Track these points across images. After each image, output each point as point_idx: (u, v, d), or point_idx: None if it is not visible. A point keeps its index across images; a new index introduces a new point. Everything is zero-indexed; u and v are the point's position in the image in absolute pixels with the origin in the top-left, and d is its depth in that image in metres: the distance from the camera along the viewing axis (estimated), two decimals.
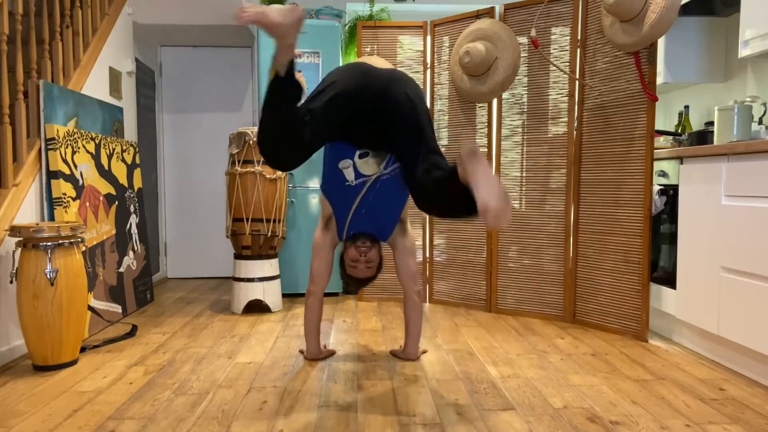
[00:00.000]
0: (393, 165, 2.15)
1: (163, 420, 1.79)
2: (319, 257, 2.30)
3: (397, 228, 2.30)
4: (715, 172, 2.35)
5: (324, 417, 1.82)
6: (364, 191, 2.14)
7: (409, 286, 2.33)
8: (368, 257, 2.17)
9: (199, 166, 4.64)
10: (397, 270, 2.34)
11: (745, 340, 2.18)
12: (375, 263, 2.20)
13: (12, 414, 1.84)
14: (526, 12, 3.18)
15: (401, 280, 2.34)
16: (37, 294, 2.22)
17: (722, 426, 1.75)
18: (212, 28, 4.10)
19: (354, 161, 2.09)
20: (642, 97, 2.71)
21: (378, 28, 3.59)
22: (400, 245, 2.31)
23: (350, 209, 2.16)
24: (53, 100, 2.78)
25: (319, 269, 2.30)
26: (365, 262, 2.17)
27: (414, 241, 2.35)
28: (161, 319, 3.17)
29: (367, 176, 2.12)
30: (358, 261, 2.17)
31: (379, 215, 2.19)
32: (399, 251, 2.31)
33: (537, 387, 2.09)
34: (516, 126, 3.24)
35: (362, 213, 2.16)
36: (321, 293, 2.35)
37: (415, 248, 2.34)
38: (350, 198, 2.15)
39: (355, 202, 2.15)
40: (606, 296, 2.89)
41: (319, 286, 2.33)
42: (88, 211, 2.91)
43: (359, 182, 2.13)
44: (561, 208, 3.10)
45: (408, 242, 2.31)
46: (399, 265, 2.33)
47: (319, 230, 2.31)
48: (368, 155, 2.09)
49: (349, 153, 2.10)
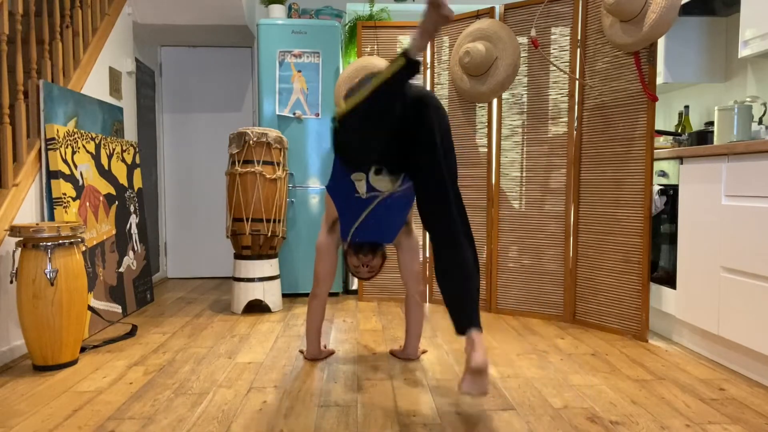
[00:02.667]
0: (407, 183, 2.08)
1: (163, 420, 1.79)
2: (323, 260, 2.28)
3: (403, 230, 2.30)
4: (715, 172, 2.35)
5: (324, 417, 1.82)
6: (374, 205, 2.09)
7: (412, 286, 2.34)
8: (370, 265, 2.19)
9: (199, 166, 4.64)
10: (400, 269, 2.34)
11: (745, 340, 2.18)
12: (377, 267, 2.23)
13: (12, 414, 1.84)
14: (526, 12, 3.18)
15: (404, 280, 2.34)
16: (37, 294, 2.22)
17: (722, 426, 1.75)
18: (212, 28, 4.10)
19: (368, 175, 2.02)
20: (642, 97, 2.71)
21: (378, 28, 3.59)
22: (405, 245, 2.31)
23: (357, 219, 2.13)
24: (53, 100, 2.78)
25: (324, 272, 2.29)
26: (368, 269, 2.20)
27: (418, 241, 2.35)
28: (161, 319, 3.17)
29: (379, 192, 2.06)
30: (360, 268, 2.20)
31: (386, 225, 2.18)
32: (403, 251, 2.32)
33: (537, 387, 2.09)
34: (516, 126, 3.24)
35: (369, 223, 2.14)
36: (325, 295, 2.35)
37: (419, 248, 2.34)
38: (358, 209, 2.11)
39: (362, 215, 2.11)
40: (606, 296, 2.89)
41: (324, 288, 2.32)
42: (88, 211, 2.91)
43: (370, 196, 2.07)
44: (561, 208, 3.10)
45: (413, 242, 2.32)
46: (402, 264, 2.33)
47: (323, 233, 2.29)
48: (383, 172, 2.01)
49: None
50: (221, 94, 4.61)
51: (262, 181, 3.23)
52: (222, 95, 4.61)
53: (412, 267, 2.32)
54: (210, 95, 4.61)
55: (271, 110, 3.74)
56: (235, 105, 4.63)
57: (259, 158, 3.23)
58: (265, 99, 3.73)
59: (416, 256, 2.32)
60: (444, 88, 3.49)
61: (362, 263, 2.18)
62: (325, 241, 2.27)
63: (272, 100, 3.73)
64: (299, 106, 3.74)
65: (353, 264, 2.20)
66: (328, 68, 3.74)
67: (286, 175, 3.40)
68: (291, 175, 3.75)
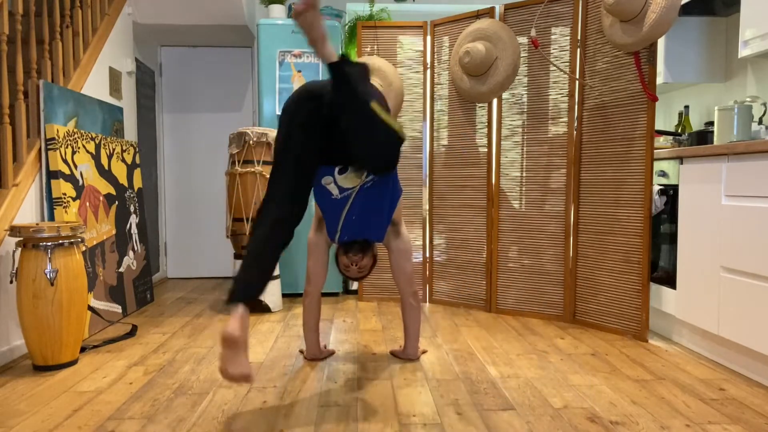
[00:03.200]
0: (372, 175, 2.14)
1: (163, 420, 1.79)
2: (313, 257, 2.32)
3: (391, 231, 2.31)
4: (715, 172, 2.35)
5: (324, 417, 1.82)
6: (351, 202, 2.14)
7: (405, 289, 2.35)
8: (360, 265, 2.20)
9: (199, 166, 4.64)
10: (392, 271, 2.35)
11: (745, 340, 2.18)
12: (367, 267, 2.23)
13: (12, 414, 1.84)
14: (526, 12, 3.18)
15: (396, 282, 2.35)
16: (37, 294, 2.22)
17: (722, 426, 1.75)
18: (212, 28, 4.10)
19: (334, 177, 2.09)
20: (642, 97, 2.71)
21: (378, 28, 3.59)
22: (395, 248, 2.32)
23: (340, 218, 2.18)
24: (53, 100, 2.78)
25: (315, 269, 2.33)
26: (357, 268, 2.21)
27: (409, 243, 2.35)
28: (161, 319, 3.17)
29: (350, 188, 2.11)
30: (350, 267, 2.21)
31: (369, 219, 2.20)
32: (393, 253, 2.33)
33: (537, 387, 2.09)
34: (516, 126, 3.24)
35: (352, 219, 2.17)
36: (318, 293, 2.36)
37: (410, 250, 2.35)
38: (338, 209, 2.16)
39: (343, 213, 2.16)
40: (606, 296, 2.89)
41: (316, 285, 2.34)
42: (88, 211, 2.91)
43: (344, 195, 2.13)
44: (561, 208, 3.10)
45: (402, 245, 2.32)
46: (394, 267, 2.34)
47: (312, 231, 2.34)
48: (347, 170, 2.08)
49: (329, 170, 2.09)
50: (221, 94, 4.61)
51: (262, 181, 3.23)
52: (222, 95, 4.61)
53: (403, 269, 2.33)
54: (210, 95, 4.61)
55: (271, 110, 3.74)
56: (235, 105, 4.63)
57: (259, 158, 3.23)
58: (265, 99, 3.73)
59: (407, 257, 2.33)
60: (444, 88, 3.49)
61: (352, 262, 2.19)
62: (314, 239, 2.33)
63: (272, 100, 3.73)
64: None
65: (343, 263, 2.21)
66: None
67: None
68: None
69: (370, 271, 2.26)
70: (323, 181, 2.11)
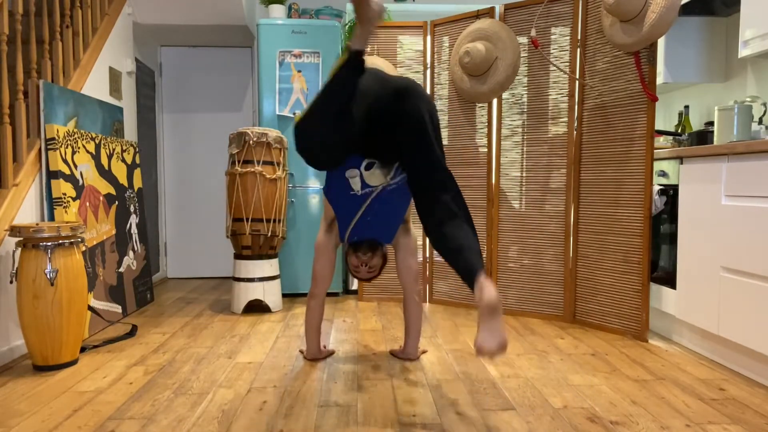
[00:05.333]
0: (400, 175, 2.12)
1: (163, 420, 1.79)
2: (321, 260, 2.29)
3: (400, 228, 2.30)
4: (715, 172, 2.35)
5: (324, 417, 1.82)
6: (369, 201, 2.12)
7: (410, 286, 2.34)
8: (370, 265, 2.19)
9: (199, 166, 4.64)
10: (398, 269, 2.34)
11: (745, 340, 2.18)
12: (377, 267, 2.23)
13: (12, 414, 1.84)
14: (526, 12, 3.18)
15: (402, 280, 2.34)
16: (37, 294, 2.22)
17: (722, 426, 1.75)
18: (212, 28, 4.10)
19: (361, 171, 2.06)
20: (642, 97, 2.71)
21: (378, 28, 3.59)
22: (403, 245, 2.31)
23: (354, 217, 2.15)
24: (53, 100, 2.78)
25: (322, 271, 2.30)
26: (367, 269, 2.20)
27: (416, 240, 2.35)
28: (161, 319, 3.17)
29: (374, 187, 2.09)
30: (360, 267, 2.20)
31: (383, 222, 2.19)
32: (401, 250, 2.32)
33: (537, 387, 2.09)
34: (516, 126, 3.24)
35: (367, 220, 2.16)
36: (323, 295, 2.35)
37: (416, 248, 2.34)
38: (355, 206, 2.13)
39: (359, 211, 2.13)
40: (606, 296, 2.89)
41: (322, 288, 2.32)
42: (88, 211, 2.91)
43: (365, 192, 2.10)
44: (561, 208, 3.10)
45: (410, 242, 2.31)
46: (400, 264, 2.33)
47: (321, 232, 2.30)
48: (375, 166, 2.05)
49: (356, 162, 2.06)
50: (221, 94, 4.61)
51: (262, 181, 3.23)
52: (222, 95, 4.61)
53: (410, 266, 2.31)
54: (210, 95, 4.61)
55: (271, 110, 3.74)
56: (235, 105, 4.63)
57: (259, 158, 3.23)
58: (265, 99, 3.73)
59: (414, 255, 2.32)
60: (444, 88, 3.49)
61: (361, 262, 2.18)
62: (323, 241, 2.28)
63: (272, 100, 3.73)
64: (299, 106, 3.74)
65: (353, 264, 2.20)
66: (328, 68, 3.74)
67: (286, 175, 3.40)
68: (291, 175, 3.75)
69: (380, 271, 2.25)
70: (348, 174, 2.07)
